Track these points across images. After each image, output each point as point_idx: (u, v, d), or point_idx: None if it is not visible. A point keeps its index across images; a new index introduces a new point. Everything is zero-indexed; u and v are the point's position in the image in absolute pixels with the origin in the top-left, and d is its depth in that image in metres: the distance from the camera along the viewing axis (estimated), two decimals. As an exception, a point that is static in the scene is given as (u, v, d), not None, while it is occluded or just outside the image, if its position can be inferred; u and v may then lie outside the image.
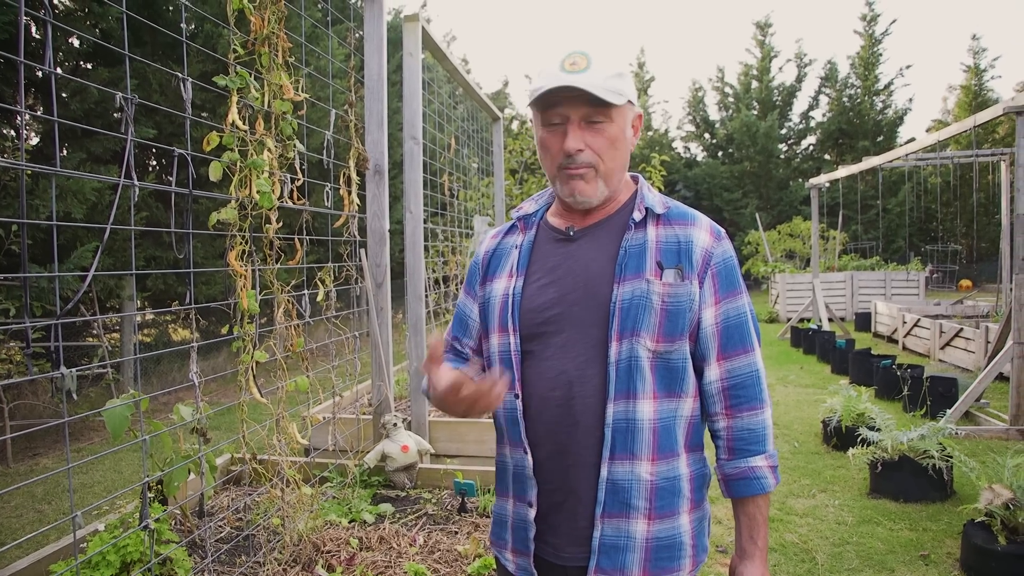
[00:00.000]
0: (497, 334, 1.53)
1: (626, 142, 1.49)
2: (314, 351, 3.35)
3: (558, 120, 1.44)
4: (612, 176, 1.47)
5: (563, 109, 1.42)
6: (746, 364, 1.46)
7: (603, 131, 1.42)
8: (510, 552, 1.55)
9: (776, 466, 1.47)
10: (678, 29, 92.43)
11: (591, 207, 1.50)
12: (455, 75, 5.67)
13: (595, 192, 1.46)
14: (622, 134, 1.46)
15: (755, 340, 1.49)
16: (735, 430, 1.46)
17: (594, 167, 1.44)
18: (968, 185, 24.35)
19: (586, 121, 1.42)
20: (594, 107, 1.40)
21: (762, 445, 1.46)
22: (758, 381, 1.47)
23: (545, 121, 1.46)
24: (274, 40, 2.86)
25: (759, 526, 1.47)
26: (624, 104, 1.43)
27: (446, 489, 3.80)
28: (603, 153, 1.44)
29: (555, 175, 1.48)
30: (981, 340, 8.36)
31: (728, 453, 1.48)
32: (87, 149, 7.36)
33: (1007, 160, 10.84)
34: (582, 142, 1.42)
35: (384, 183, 3.98)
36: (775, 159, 28.27)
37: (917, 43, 75.03)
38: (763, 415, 1.47)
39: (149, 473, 2.48)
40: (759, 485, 1.45)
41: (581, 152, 1.42)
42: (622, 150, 1.48)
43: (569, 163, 1.43)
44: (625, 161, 1.51)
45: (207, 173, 2.58)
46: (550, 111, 1.44)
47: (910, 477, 4.61)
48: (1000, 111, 6.03)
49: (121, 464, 5.96)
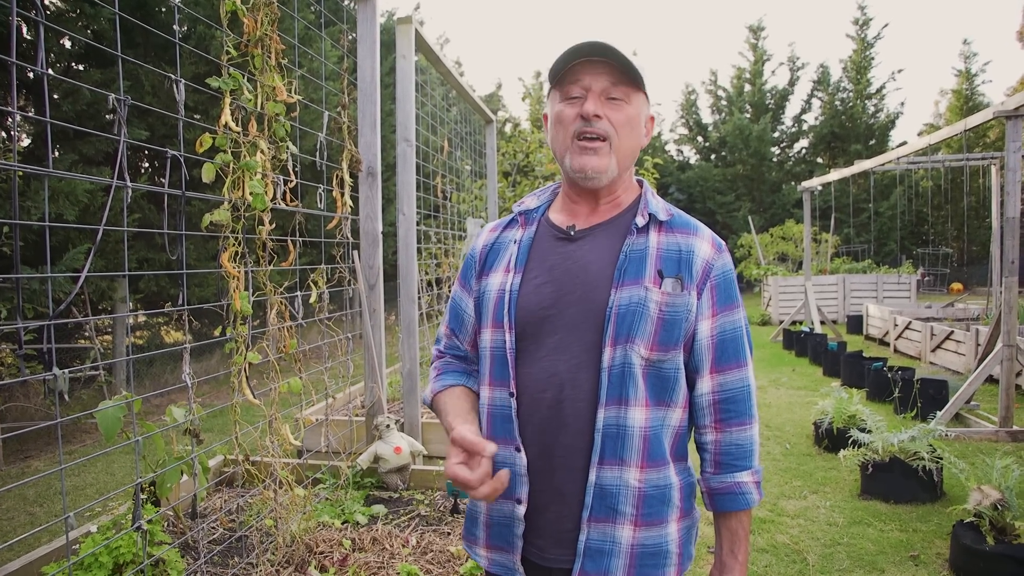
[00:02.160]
0: (491, 329, 1.52)
1: (640, 130, 1.49)
2: (307, 353, 3.35)
3: (578, 93, 1.44)
4: (624, 156, 1.46)
5: (585, 80, 1.42)
6: (738, 379, 1.46)
7: (622, 108, 1.43)
8: (483, 548, 1.54)
9: (760, 482, 1.48)
10: (671, 32, 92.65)
11: (600, 187, 1.48)
12: (448, 77, 5.68)
13: (606, 167, 1.44)
14: (638, 119, 1.47)
15: (748, 355, 1.49)
16: (723, 444, 1.46)
17: (608, 140, 1.43)
18: (959, 189, 24.46)
19: (606, 97, 1.42)
20: (618, 79, 1.41)
21: (749, 460, 1.46)
22: (748, 396, 1.47)
23: (565, 95, 1.46)
24: (267, 42, 2.86)
25: (740, 540, 1.47)
26: (642, 93, 1.45)
27: (439, 490, 3.80)
28: (619, 127, 1.43)
29: (567, 148, 1.46)
30: (971, 343, 8.40)
31: (715, 467, 1.48)
32: (79, 151, 7.34)
33: (997, 164, 10.90)
34: (601, 110, 1.41)
35: (377, 185, 3.99)
36: (768, 162, 28.36)
37: (909, 47, 75.26)
38: (751, 431, 1.47)
39: (142, 474, 2.48)
40: (744, 500, 1.45)
41: (599, 118, 1.41)
42: (637, 134, 1.48)
43: (585, 128, 1.42)
44: (635, 149, 1.50)
45: (200, 175, 2.59)
46: (571, 84, 1.44)
47: (900, 478, 4.63)
48: (990, 115, 6.07)
49: (114, 466, 5.94)
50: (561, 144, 1.47)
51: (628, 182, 1.56)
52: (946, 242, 26.17)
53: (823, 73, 28.86)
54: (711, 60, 71.81)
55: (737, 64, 31.53)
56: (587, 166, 1.43)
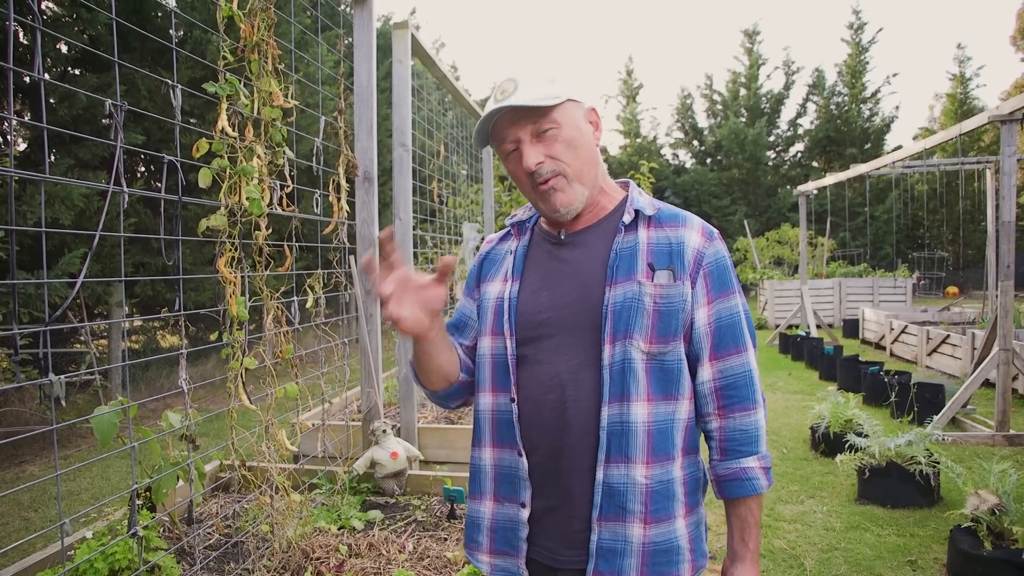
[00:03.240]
0: (490, 337, 1.54)
1: (585, 138, 1.49)
2: (303, 358, 3.35)
3: (512, 147, 1.48)
4: (584, 175, 1.48)
5: (510, 134, 1.46)
6: (739, 364, 1.46)
7: (556, 137, 1.44)
8: (486, 554, 1.55)
9: (768, 467, 1.47)
10: (666, 36, 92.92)
11: (578, 213, 1.51)
12: (444, 82, 5.68)
13: (574, 197, 1.47)
14: (577, 132, 1.47)
15: (749, 340, 1.49)
16: (727, 431, 1.46)
17: (561, 174, 1.45)
18: (954, 192, 24.57)
19: (536, 136, 1.45)
20: (534, 118, 1.43)
21: (755, 446, 1.46)
22: (751, 381, 1.47)
23: (503, 154, 1.51)
24: (264, 47, 2.86)
25: (750, 528, 1.47)
26: (564, 103, 1.45)
27: (435, 496, 3.79)
28: (564, 156, 1.45)
29: (534, 198, 1.50)
30: (967, 347, 8.42)
31: (720, 454, 1.48)
32: (75, 155, 7.33)
33: (992, 168, 10.94)
34: (540, 155, 1.44)
35: (373, 190, 3.99)
36: (763, 166, 28.44)
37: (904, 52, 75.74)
38: (756, 416, 1.47)
39: (137, 480, 2.47)
40: (751, 486, 1.45)
41: (541, 164, 1.44)
42: (584, 147, 1.48)
43: (537, 178, 1.45)
44: (592, 157, 1.51)
45: (196, 179, 2.58)
46: (502, 144, 1.49)
47: (897, 483, 4.63)
48: (985, 119, 6.08)
49: (109, 471, 5.92)
50: (529, 195, 1.52)
51: (604, 188, 1.57)
52: (942, 246, 26.24)
53: (818, 77, 28.97)
54: (706, 64, 72.16)
55: (732, 68, 31.70)
56: (557, 204, 1.47)
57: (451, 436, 4.51)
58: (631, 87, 31.62)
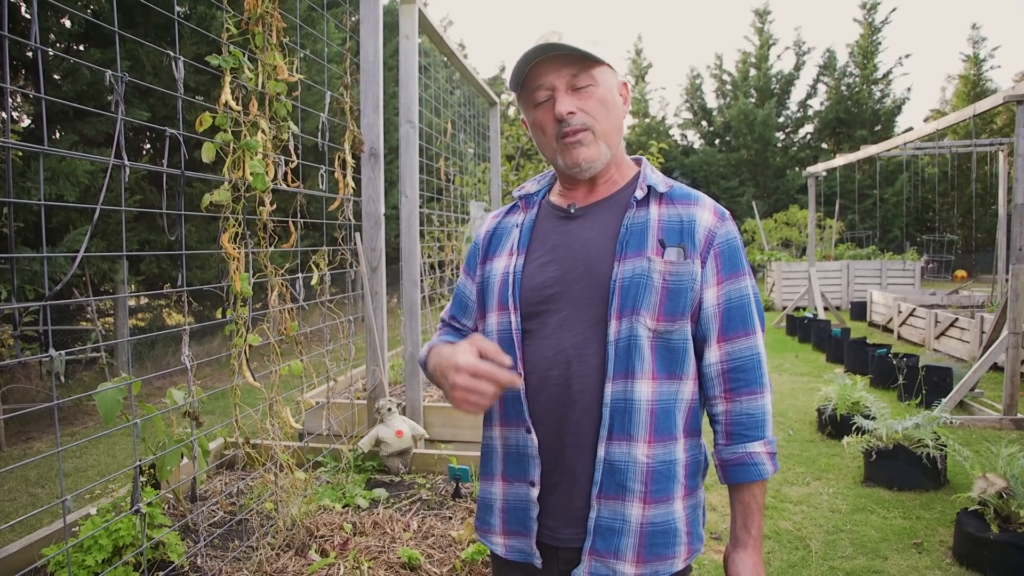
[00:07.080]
0: (496, 312, 1.51)
1: (617, 105, 1.47)
2: (308, 335, 3.33)
3: (544, 96, 1.44)
4: (611, 137, 1.46)
5: (547, 79, 1.42)
6: (747, 347, 1.44)
7: (592, 93, 1.42)
8: (499, 535, 1.53)
9: (774, 452, 1.45)
10: (676, 16, 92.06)
11: (594, 176, 1.49)
12: (452, 59, 5.62)
13: (598, 154, 1.44)
14: (611, 96, 1.45)
15: (757, 323, 1.46)
16: (734, 414, 1.44)
17: (590, 129, 1.42)
18: (965, 175, 24.38)
19: (572, 88, 1.41)
20: (577, 67, 1.40)
21: (761, 431, 1.44)
22: (759, 365, 1.45)
23: (533, 101, 1.46)
24: (268, 19, 2.82)
25: (753, 514, 1.46)
26: (606, 65, 1.43)
27: (440, 474, 3.79)
28: (596, 113, 1.42)
29: (555, 149, 1.46)
30: (976, 330, 8.36)
31: (726, 438, 1.45)
32: (80, 132, 7.30)
33: (1005, 150, 10.83)
34: (573, 105, 1.41)
35: (380, 167, 3.95)
36: (772, 147, 28.25)
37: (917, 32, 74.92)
38: (763, 400, 1.45)
39: (141, 457, 2.46)
40: (756, 471, 1.43)
41: (574, 114, 1.41)
42: (615, 112, 1.46)
43: (565, 128, 1.42)
44: (620, 124, 1.49)
45: (200, 155, 2.55)
46: (535, 89, 1.44)
47: (904, 466, 4.61)
48: (1000, 100, 6.00)
49: (115, 448, 5.95)
50: (548, 148, 1.48)
51: (621, 159, 1.55)
52: (951, 229, 26.12)
53: (829, 58, 28.70)
54: (716, 44, 71.55)
55: (742, 48, 31.43)
56: (579, 159, 1.43)
57: (456, 415, 4.50)
58: (640, 67, 31.39)
